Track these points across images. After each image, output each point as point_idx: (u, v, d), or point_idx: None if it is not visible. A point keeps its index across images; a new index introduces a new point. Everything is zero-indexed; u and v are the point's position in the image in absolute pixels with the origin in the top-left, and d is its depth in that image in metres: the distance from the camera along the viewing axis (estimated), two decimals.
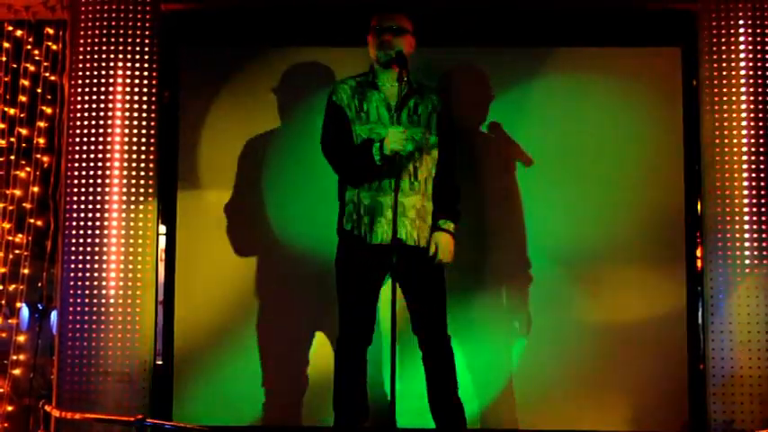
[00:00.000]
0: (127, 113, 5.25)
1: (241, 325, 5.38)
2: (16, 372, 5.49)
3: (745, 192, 5.11)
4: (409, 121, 4.62)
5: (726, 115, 5.16)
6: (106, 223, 5.19)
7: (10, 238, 5.54)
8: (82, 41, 5.30)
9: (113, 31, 5.29)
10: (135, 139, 5.24)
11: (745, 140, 5.13)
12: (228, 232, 5.45)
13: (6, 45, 5.70)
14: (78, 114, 5.27)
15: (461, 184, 4.81)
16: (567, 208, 5.39)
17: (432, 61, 5.28)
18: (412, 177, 4.58)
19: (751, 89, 5.17)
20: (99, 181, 5.21)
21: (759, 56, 5.18)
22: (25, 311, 5.69)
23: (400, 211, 4.53)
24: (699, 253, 5.22)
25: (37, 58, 5.69)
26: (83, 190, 5.21)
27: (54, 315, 5.39)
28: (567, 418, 5.22)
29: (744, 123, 5.14)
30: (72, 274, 5.17)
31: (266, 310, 5.38)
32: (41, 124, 5.62)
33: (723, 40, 5.21)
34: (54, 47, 5.65)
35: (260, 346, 5.37)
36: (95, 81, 5.27)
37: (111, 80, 5.27)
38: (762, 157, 5.12)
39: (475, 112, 5.42)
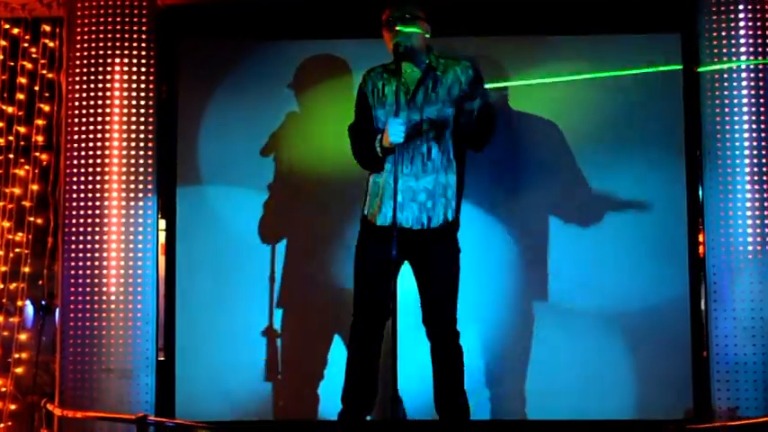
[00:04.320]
0: (125, 109, 5.23)
1: (244, 319, 5.37)
2: (19, 370, 5.49)
3: (747, 177, 5.06)
4: (425, 101, 4.59)
5: (726, 101, 5.11)
6: (106, 220, 5.17)
7: (10, 236, 5.54)
8: (79, 38, 5.28)
9: (110, 27, 5.26)
10: (133, 135, 5.22)
11: (746, 126, 5.09)
12: (230, 225, 5.45)
13: (3, 43, 5.69)
14: (76, 111, 5.25)
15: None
16: (565, 195, 5.37)
17: None
18: (425, 158, 4.57)
19: (752, 74, 5.11)
20: (98, 177, 5.19)
21: (759, 41, 5.12)
22: (30, 308, 5.70)
23: (408, 195, 4.54)
24: (701, 239, 5.20)
25: (34, 55, 5.68)
26: (82, 187, 5.19)
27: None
28: (571, 407, 5.20)
29: (745, 109, 5.09)
30: (72, 272, 5.16)
31: (269, 304, 5.36)
32: (40, 122, 5.62)
33: (723, 25, 5.15)
34: (51, 44, 5.64)
35: (264, 339, 5.36)
36: (93, 77, 5.24)
37: (109, 76, 5.24)
38: (763, 143, 5.07)
39: None
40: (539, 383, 5.27)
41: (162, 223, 5.38)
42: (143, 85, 5.25)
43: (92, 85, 5.24)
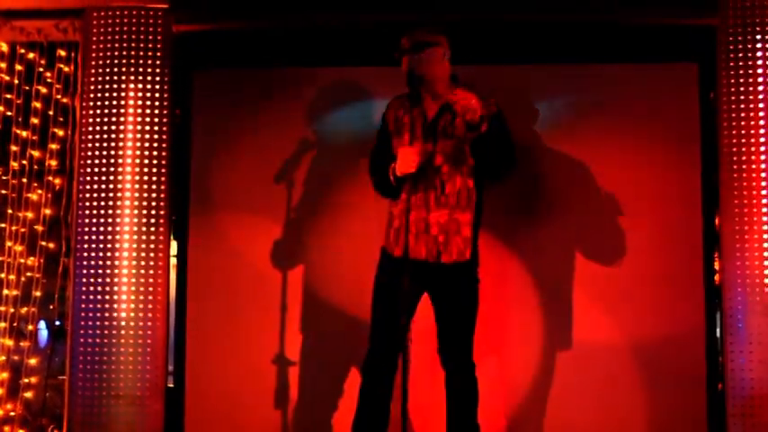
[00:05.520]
0: (138, 134, 5.24)
1: (255, 347, 5.35)
2: (28, 395, 5.45)
3: (765, 209, 5.01)
4: (443, 134, 4.52)
5: (744, 131, 5.08)
6: (118, 245, 5.17)
7: (22, 260, 5.52)
8: (94, 63, 5.31)
9: (125, 52, 5.29)
10: (147, 161, 5.23)
11: (763, 156, 5.05)
12: (242, 252, 5.42)
13: (19, 67, 5.68)
14: (90, 136, 5.27)
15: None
16: (581, 224, 5.33)
17: None
18: (438, 191, 4.52)
19: None
20: (111, 202, 5.20)
21: None
22: (44, 330, 5.67)
23: (422, 227, 4.49)
24: (716, 267, 5.14)
25: (49, 80, 5.66)
26: (94, 211, 5.20)
27: None
28: None
29: (762, 139, 5.05)
30: (84, 296, 5.16)
31: (280, 331, 5.32)
32: (53, 146, 5.61)
33: (741, 54, 5.13)
34: (66, 69, 5.63)
35: (275, 367, 5.32)
36: (107, 102, 5.26)
37: (123, 101, 5.26)
38: None
39: None
40: (554, 416, 5.22)
41: (174, 248, 5.36)
42: (156, 111, 5.26)
43: (106, 110, 5.26)
